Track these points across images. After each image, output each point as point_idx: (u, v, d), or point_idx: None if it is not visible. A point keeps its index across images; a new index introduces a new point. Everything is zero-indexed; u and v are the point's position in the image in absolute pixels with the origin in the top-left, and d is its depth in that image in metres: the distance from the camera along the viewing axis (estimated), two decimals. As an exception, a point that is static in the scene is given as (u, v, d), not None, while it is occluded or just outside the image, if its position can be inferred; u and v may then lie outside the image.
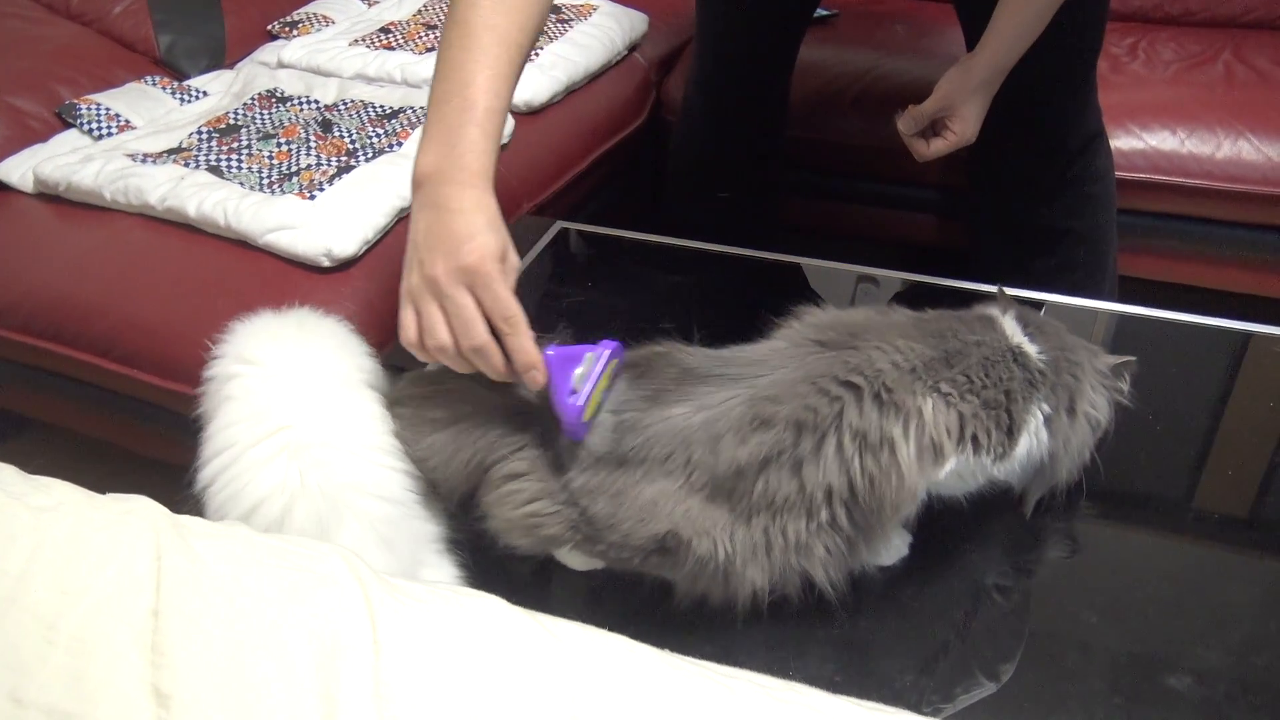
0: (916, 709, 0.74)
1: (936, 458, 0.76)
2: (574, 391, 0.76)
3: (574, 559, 0.84)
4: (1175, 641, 0.80)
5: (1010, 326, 0.83)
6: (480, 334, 0.77)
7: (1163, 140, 1.76)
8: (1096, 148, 1.44)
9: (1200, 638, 0.80)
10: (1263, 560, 0.89)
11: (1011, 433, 0.79)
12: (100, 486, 0.69)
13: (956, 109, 1.21)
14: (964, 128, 1.22)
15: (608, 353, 0.79)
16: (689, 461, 0.75)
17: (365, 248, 1.44)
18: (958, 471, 0.78)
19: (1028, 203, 1.45)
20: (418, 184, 0.80)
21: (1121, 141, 1.74)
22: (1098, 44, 1.37)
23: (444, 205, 0.78)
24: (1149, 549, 0.90)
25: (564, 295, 1.32)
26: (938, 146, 1.25)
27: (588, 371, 0.77)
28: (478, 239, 0.77)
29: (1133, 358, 0.88)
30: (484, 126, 0.80)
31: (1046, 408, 0.81)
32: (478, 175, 0.79)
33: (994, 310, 0.86)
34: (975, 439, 0.77)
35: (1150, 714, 0.74)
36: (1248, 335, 1.15)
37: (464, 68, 0.81)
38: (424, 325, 0.78)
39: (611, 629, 0.62)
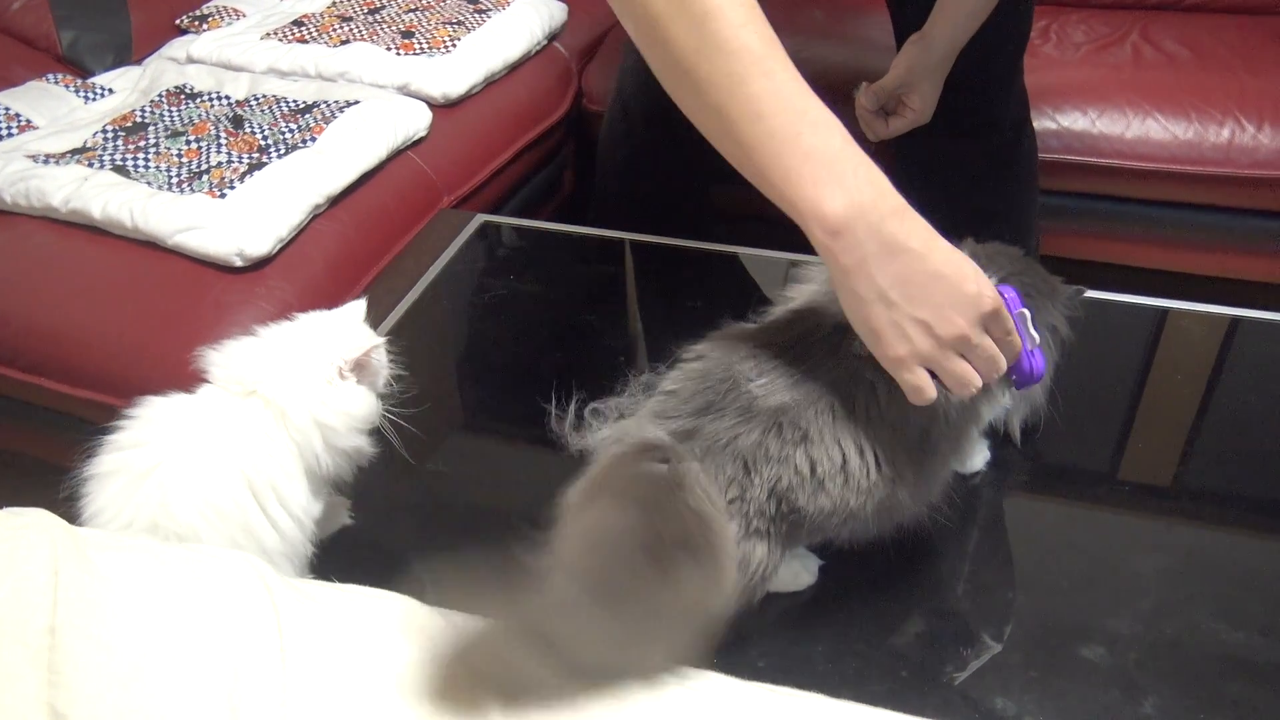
0: (835, 691, 0.75)
1: None
2: (1033, 350, 0.78)
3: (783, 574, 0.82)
4: (1088, 612, 0.82)
5: None
6: (1002, 365, 0.73)
7: (1074, 121, 1.80)
8: (1023, 131, 1.46)
9: (1112, 607, 0.81)
10: (1170, 530, 0.91)
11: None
12: (4, 499, 0.66)
13: (916, 86, 1.22)
14: (922, 105, 1.22)
15: (1016, 295, 0.80)
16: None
17: (279, 246, 1.42)
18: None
19: (956, 185, 1.46)
20: (840, 230, 0.66)
21: (1035, 123, 1.75)
22: (1027, 29, 1.40)
23: (902, 245, 0.67)
24: (1062, 522, 0.92)
25: (488, 289, 1.31)
26: (896, 125, 1.25)
27: (1021, 324, 0.77)
28: (978, 279, 0.70)
29: (1082, 287, 0.95)
30: (856, 145, 0.69)
31: None
32: (900, 200, 0.69)
33: None
34: None
35: (1064, 684, 0.76)
36: (1164, 311, 1.18)
37: (785, 94, 0.68)
38: (955, 380, 0.71)
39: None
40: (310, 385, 0.80)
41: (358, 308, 0.88)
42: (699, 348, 0.83)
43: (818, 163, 0.66)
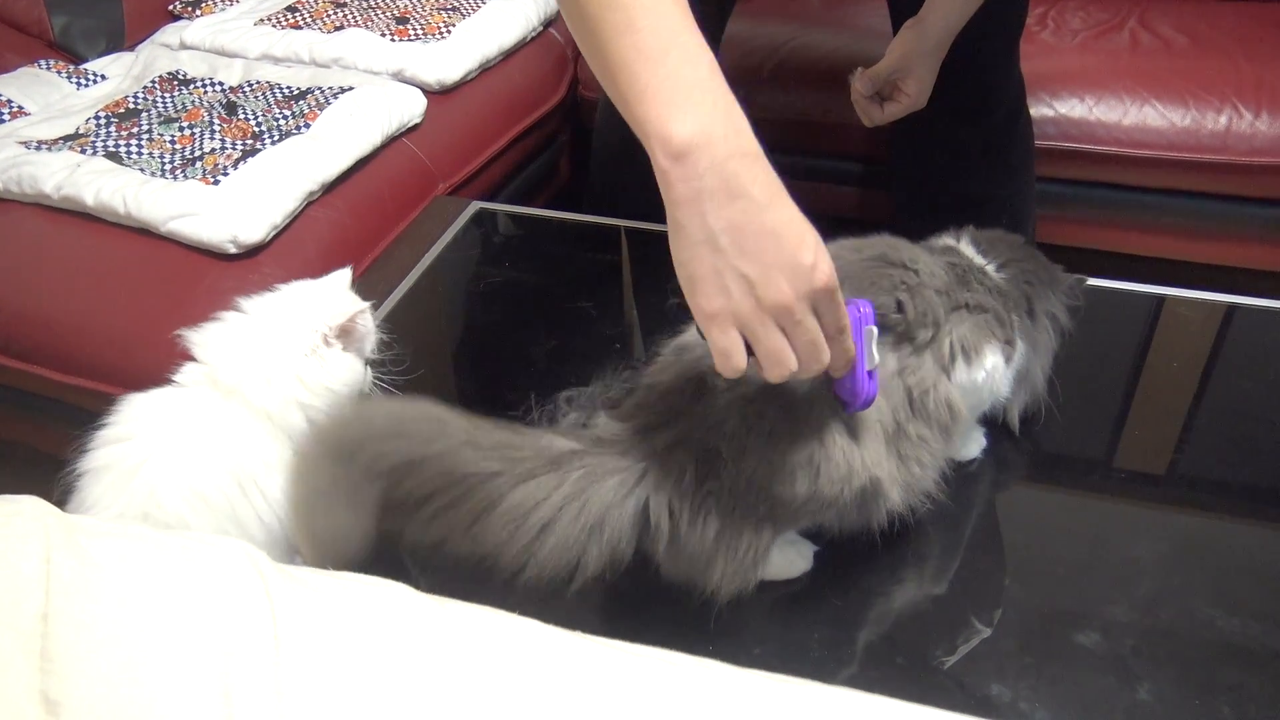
0: (832, 678, 0.75)
1: (973, 359, 0.82)
2: (871, 371, 0.71)
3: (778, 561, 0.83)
4: (1084, 599, 0.82)
5: (967, 249, 0.90)
6: (822, 358, 0.67)
7: (1072, 108, 1.79)
8: (1019, 117, 1.46)
9: (1107, 594, 0.82)
10: (1166, 516, 0.91)
11: (1010, 336, 0.86)
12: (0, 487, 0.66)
13: (911, 71, 1.21)
14: (918, 90, 1.22)
15: (870, 311, 0.72)
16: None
17: (273, 233, 1.41)
18: (987, 378, 0.84)
19: (952, 172, 1.46)
20: (681, 154, 0.63)
21: (1033, 110, 1.75)
22: (1023, 14, 1.39)
23: (743, 191, 0.63)
24: (1058, 509, 0.92)
25: (484, 277, 1.30)
26: (891, 110, 1.25)
27: (865, 340, 0.71)
28: (817, 251, 0.65)
29: (1084, 275, 0.95)
30: (725, 84, 0.65)
31: (1015, 316, 0.88)
32: (756, 145, 0.64)
33: (948, 239, 0.92)
34: (996, 341, 0.85)
35: (1060, 670, 0.76)
36: (1160, 299, 1.18)
37: (663, 14, 0.65)
38: (767, 354, 0.65)
39: (522, 612, 0.61)
40: (289, 368, 0.80)
41: (343, 275, 0.88)
42: (674, 343, 0.83)
43: (676, 85, 0.64)
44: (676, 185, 0.63)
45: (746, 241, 0.63)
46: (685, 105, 0.63)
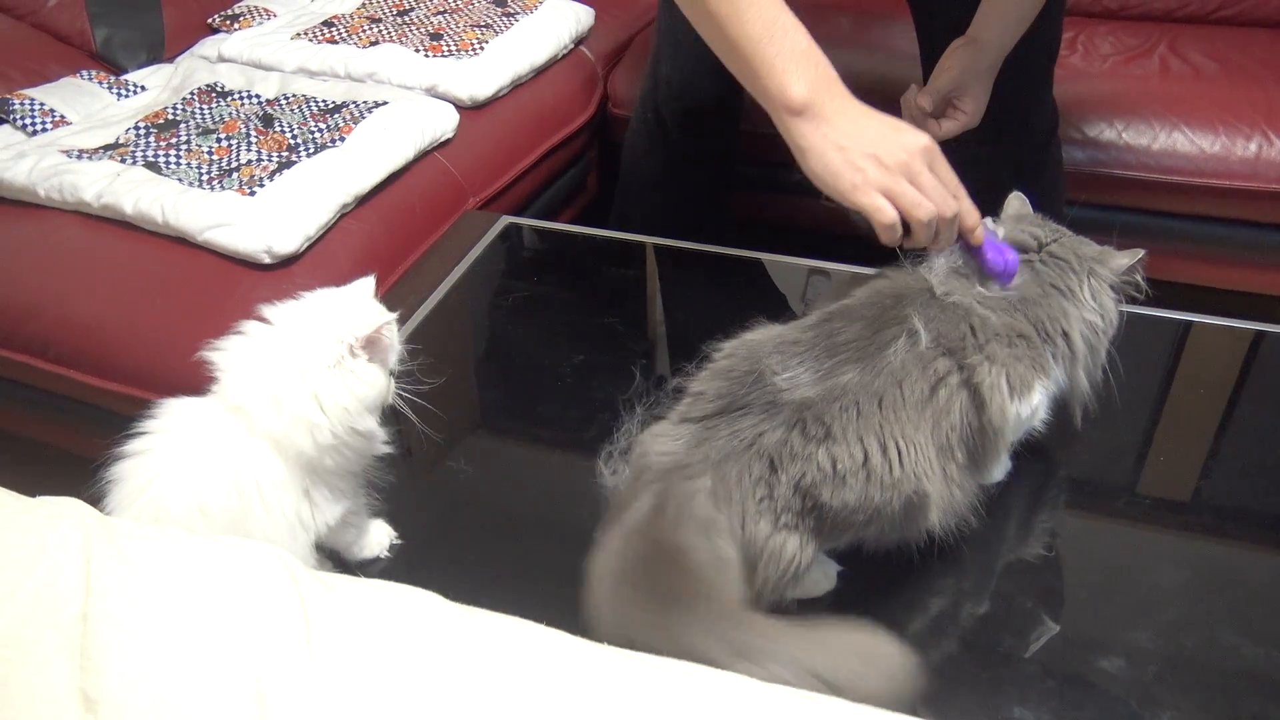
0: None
1: (1025, 391, 0.84)
2: (1012, 248, 0.89)
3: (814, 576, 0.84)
4: (1107, 624, 0.82)
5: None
6: (954, 202, 0.84)
7: (1101, 132, 1.79)
8: (1051, 141, 1.46)
9: (1131, 620, 0.82)
10: (1191, 543, 0.91)
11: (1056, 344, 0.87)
12: (35, 489, 0.67)
13: (969, 89, 1.21)
14: (975, 108, 1.22)
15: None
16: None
17: (307, 244, 1.43)
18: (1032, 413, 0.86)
19: (985, 193, 1.46)
20: (801, 109, 0.83)
21: (1062, 134, 1.76)
22: (1059, 38, 1.39)
23: (848, 113, 0.83)
24: (1083, 534, 0.92)
25: (512, 291, 1.32)
26: (949, 128, 1.25)
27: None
28: (913, 130, 0.84)
29: (1141, 251, 0.95)
30: (816, 46, 0.85)
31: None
32: (844, 89, 0.85)
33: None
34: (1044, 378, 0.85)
35: (1083, 695, 0.76)
36: (1188, 325, 1.17)
37: (759, 5, 0.84)
38: (908, 202, 0.82)
39: (549, 622, 0.62)
40: (304, 386, 0.78)
41: (367, 283, 0.87)
42: (727, 346, 0.84)
43: (787, 58, 0.83)
44: (800, 128, 0.83)
45: (860, 135, 0.83)
46: (796, 73, 0.83)
